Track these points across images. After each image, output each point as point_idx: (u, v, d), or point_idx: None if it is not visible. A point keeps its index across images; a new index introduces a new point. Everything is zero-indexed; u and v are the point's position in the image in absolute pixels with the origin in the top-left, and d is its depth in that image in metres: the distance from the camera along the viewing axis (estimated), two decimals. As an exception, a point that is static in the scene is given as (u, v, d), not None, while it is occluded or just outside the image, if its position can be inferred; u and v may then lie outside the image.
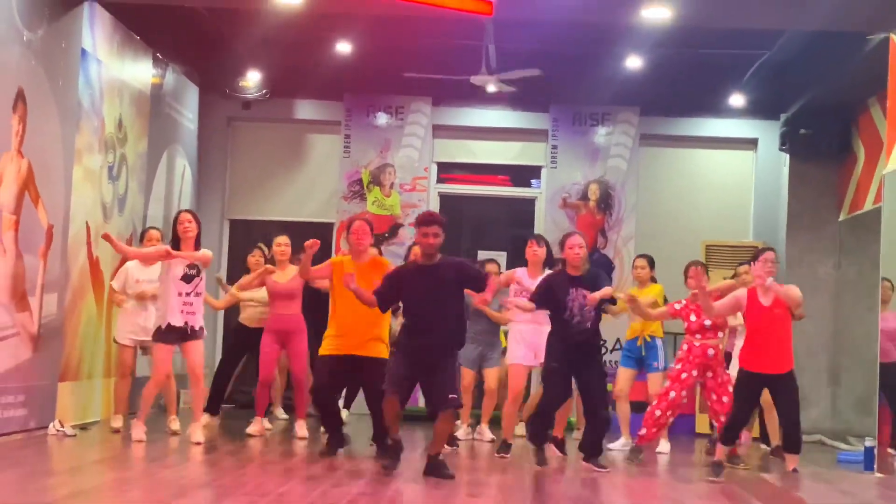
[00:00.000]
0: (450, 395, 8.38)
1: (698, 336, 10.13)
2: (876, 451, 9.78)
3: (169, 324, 9.58)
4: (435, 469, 8.30)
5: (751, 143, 14.56)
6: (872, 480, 9.28)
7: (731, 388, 9.75)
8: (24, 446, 8.99)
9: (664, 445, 10.75)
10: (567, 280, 9.23)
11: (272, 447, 9.92)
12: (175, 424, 10.37)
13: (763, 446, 11.44)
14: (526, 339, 10.07)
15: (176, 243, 9.68)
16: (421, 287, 8.41)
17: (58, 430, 9.71)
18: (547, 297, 9.26)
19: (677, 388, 10.10)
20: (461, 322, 8.61)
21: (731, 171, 14.70)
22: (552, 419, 9.58)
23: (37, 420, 9.72)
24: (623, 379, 11.07)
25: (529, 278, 10.08)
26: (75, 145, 10.26)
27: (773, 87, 13.15)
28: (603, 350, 13.06)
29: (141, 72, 12.02)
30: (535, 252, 10.21)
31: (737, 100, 13.80)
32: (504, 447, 9.87)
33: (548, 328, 9.49)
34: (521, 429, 10.62)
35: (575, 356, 9.17)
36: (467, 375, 11.20)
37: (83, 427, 10.27)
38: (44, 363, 9.81)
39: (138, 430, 9.54)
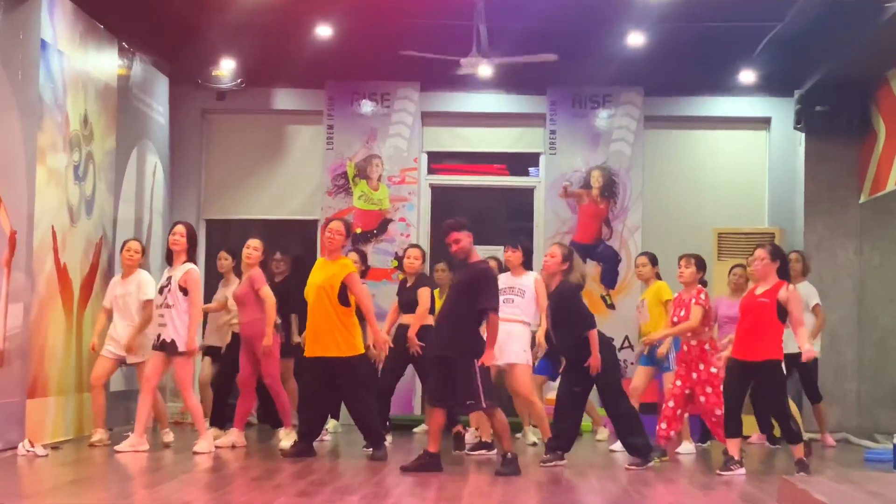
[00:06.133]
0: (467, 402, 9.37)
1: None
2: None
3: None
4: (504, 466, 9.26)
5: (763, 123, 14.58)
6: (902, 480, 9.29)
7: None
8: (-8, 469, 9.00)
9: (686, 446, 11.09)
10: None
11: (256, 462, 9.93)
12: (168, 437, 10.96)
13: (769, 445, 12.01)
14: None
15: (169, 255, 10.49)
16: (452, 288, 9.69)
17: (28, 451, 9.69)
18: None
19: (685, 385, 10.55)
20: (473, 328, 9.49)
21: (743, 152, 14.72)
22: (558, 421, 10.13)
23: (4, 440, 9.72)
24: (639, 377, 11.22)
25: (513, 276, 10.84)
26: (38, 144, 10.23)
27: (785, 61, 13.18)
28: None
29: (106, 63, 12.00)
30: (508, 258, 10.90)
31: (747, 76, 13.82)
32: (482, 446, 10.75)
33: (515, 327, 10.40)
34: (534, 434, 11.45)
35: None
36: None
37: (54, 446, 10.27)
38: (10, 379, 9.81)
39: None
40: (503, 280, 10.74)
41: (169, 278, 10.37)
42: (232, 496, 7.97)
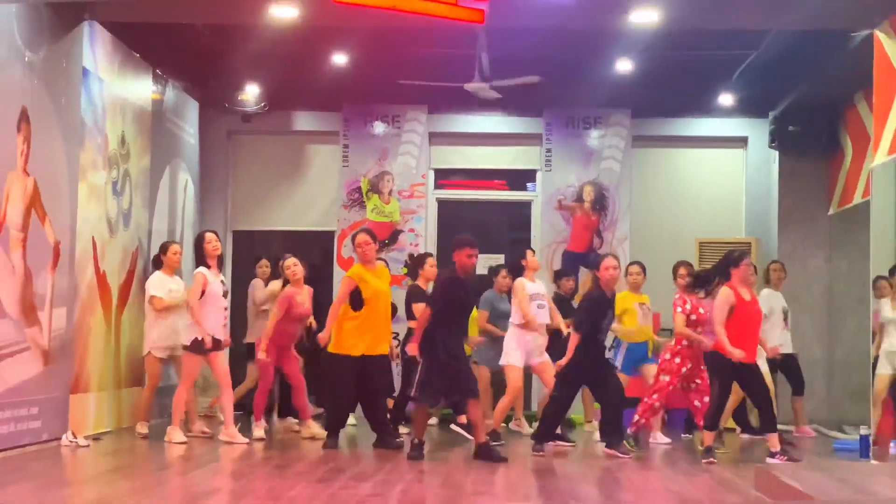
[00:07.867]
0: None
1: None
2: (871, 439, 9.83)
3: (213, 337, 10.33)
4: (483, 454, 9.40)
5: (741, 142, 14.59)
6: (868, 468, 9.31)
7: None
8: (39, 458, 9.04)
9: (662, 437, 11.00)
10: (606, 302, 10.07)
11: (279, 451, 9.96)
12: (206, 426, 11.08)
13: (744, 435, 11.93)
14: (523, 343, 10.63)
15: (202, 261, 10.48)
16: (468, 299, 9.90)
17: (70, 441, 9.76)
18: (591, 321, 9.98)
19: (675, 381, 10.38)
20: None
21: (722, 169, 14.72)
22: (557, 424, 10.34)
23: (50, 432, 9.77)
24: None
25: (533, 283, 10.87)
26: (79, 162, 10.30)
27: (761, 85, 13.19)
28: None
29: (142, 89, 12.07)
30: (537, 262, 11.07)
31: (726, 99, 13.83)
32: (494, 437, 10.32)
33: (538, 334, 10.59)
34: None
35: (597, 367, 10.00)
36: (485, 373, 11.50)
37: (95, 437, 10.32)
38: (55, 376, 9.86)
39: (177, 434, 10.23)
40: (531, 286, 10.74)
41: (222, 282, 10.60)
42: (256, 483, 8.01)
